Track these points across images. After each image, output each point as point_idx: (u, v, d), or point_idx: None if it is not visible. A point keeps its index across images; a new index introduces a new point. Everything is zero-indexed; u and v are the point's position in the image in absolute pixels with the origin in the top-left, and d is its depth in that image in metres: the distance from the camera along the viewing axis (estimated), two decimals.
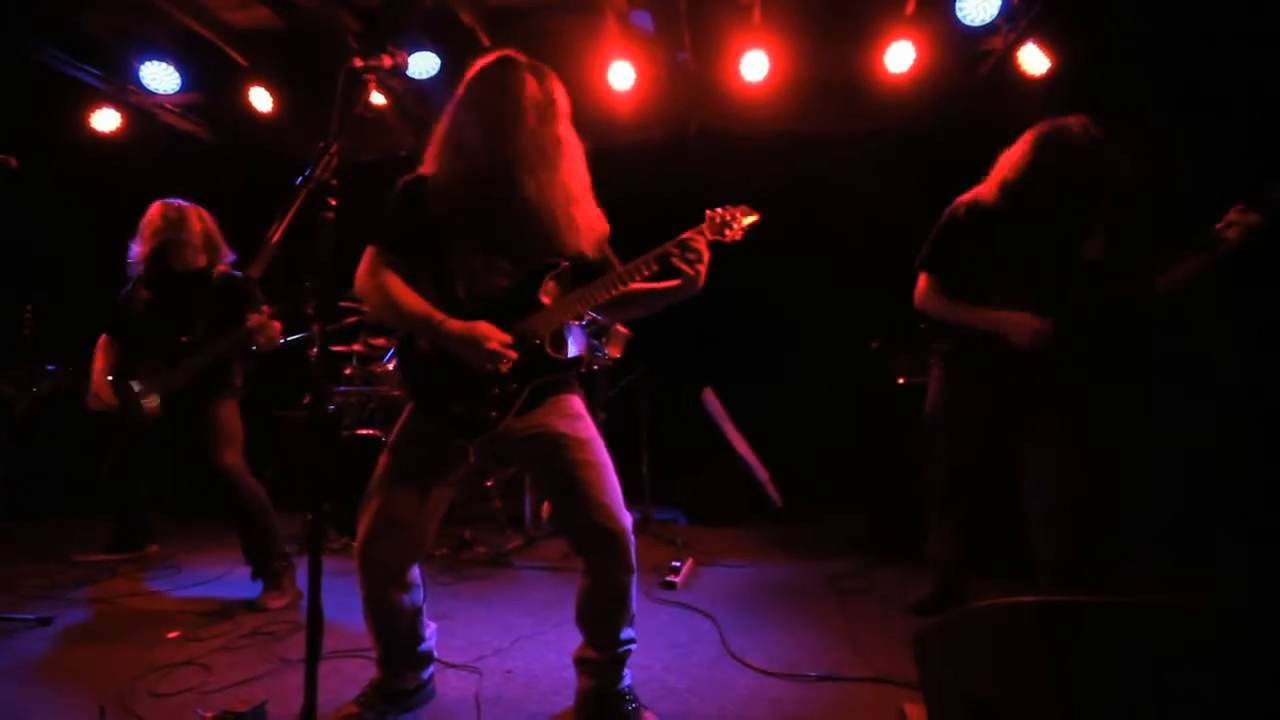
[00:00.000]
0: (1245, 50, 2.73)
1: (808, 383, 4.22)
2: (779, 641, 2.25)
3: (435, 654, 1.81)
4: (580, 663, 1.70)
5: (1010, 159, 2.09)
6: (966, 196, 2.20)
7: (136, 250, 2.72)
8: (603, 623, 1.65)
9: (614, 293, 1.60)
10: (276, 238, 1.19)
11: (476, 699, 1.81)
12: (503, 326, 1.57)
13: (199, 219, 2.76)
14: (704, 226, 1.65)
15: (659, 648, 2.18)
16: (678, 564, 2.92)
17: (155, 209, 2.72)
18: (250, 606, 2.50)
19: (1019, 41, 3.28)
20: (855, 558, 3.20)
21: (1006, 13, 3.22)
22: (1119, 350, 2.35)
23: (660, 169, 4.21)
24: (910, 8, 3.49)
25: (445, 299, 1.59)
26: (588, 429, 1.66)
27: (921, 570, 2.57)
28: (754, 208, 1.71)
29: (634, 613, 1.68)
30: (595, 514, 1.58)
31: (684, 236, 1.61)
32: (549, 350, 1.61)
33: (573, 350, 1.67)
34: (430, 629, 1.77)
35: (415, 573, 1.70)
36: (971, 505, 2.35)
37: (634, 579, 1.64)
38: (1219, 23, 2.80)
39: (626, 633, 1.67)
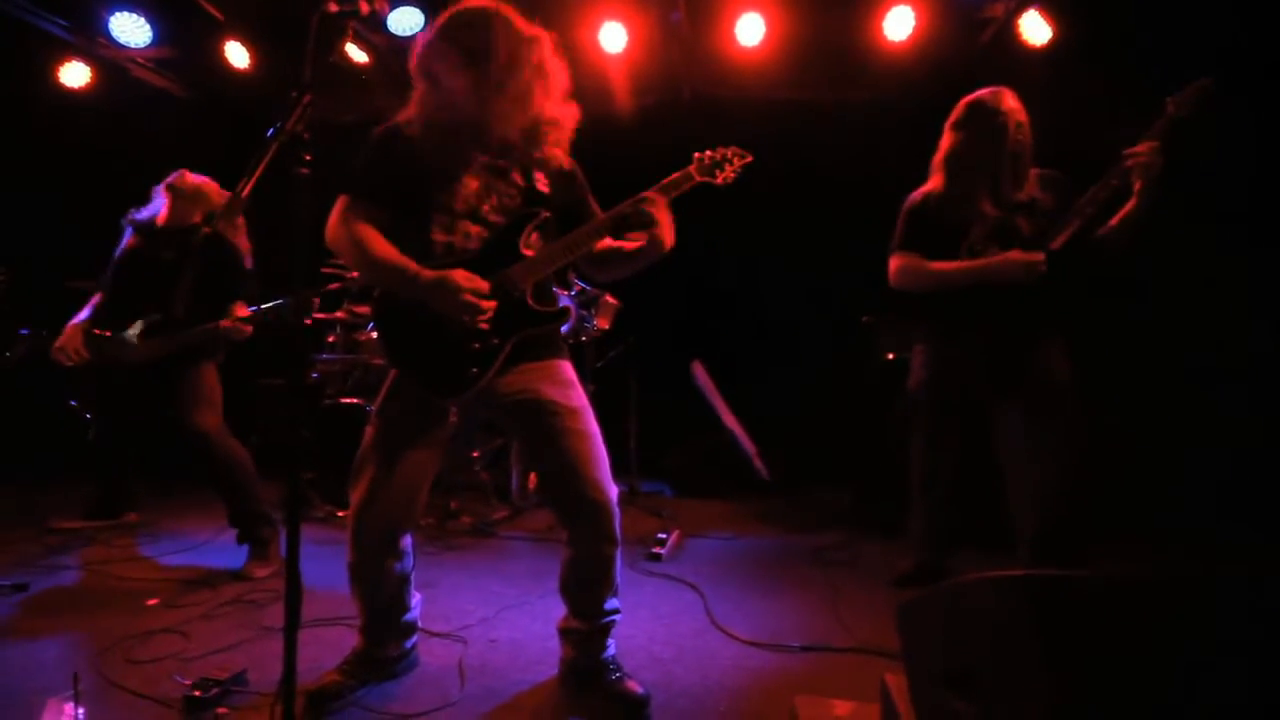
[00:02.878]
0: (1247, 18, 2.68)
1: (797, 356, 4.21)
2: (763, 611, 2.26)
3: (419, 625, 1.80)
4: (564, 633, 1.70)
5: (944, 145, 2.25)
6: (917, 192, 2.32)
7: (157, 208, 2.66)
8: (586, 593, 1.65)
9: (596, 241, 1.56)
10: (246, 191, 1.12)
11: (460, 667, 1.81)
12: (484, 278, 1.52)
13: (216, 193, 2.69)
14: (691, 169, 1.60)
15: (644, 618, 2.18)
16: (664, 535, 2.93)
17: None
18: (233, 575, 2.48)
19: (1020, 9, 3.20)
20: (840, 531, 3.22)
21: None
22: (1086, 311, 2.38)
23: (652, 135, 4.10)
24: None
25: (424, 251, 1.53)
26: (578, 397, 1.63)
27: (905, 544, 2.60)
28: (746, 176, 1.65)
29: (618, 584, 1.67)
30: (581, 485, 1.56)
31: (646, 194, 1.55)
32: (532, 302, 1.55)
33: (562, 301, 1.63)
34: (416, 599, 1.76)
35: (407, 540, 1.68)
36: (953, 480, 2.37)
37: (618, 551, 1.63)
38: None
39: (610, 603, 1.66)
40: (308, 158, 1.21)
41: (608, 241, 1.61)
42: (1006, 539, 2.28)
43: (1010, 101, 2.13)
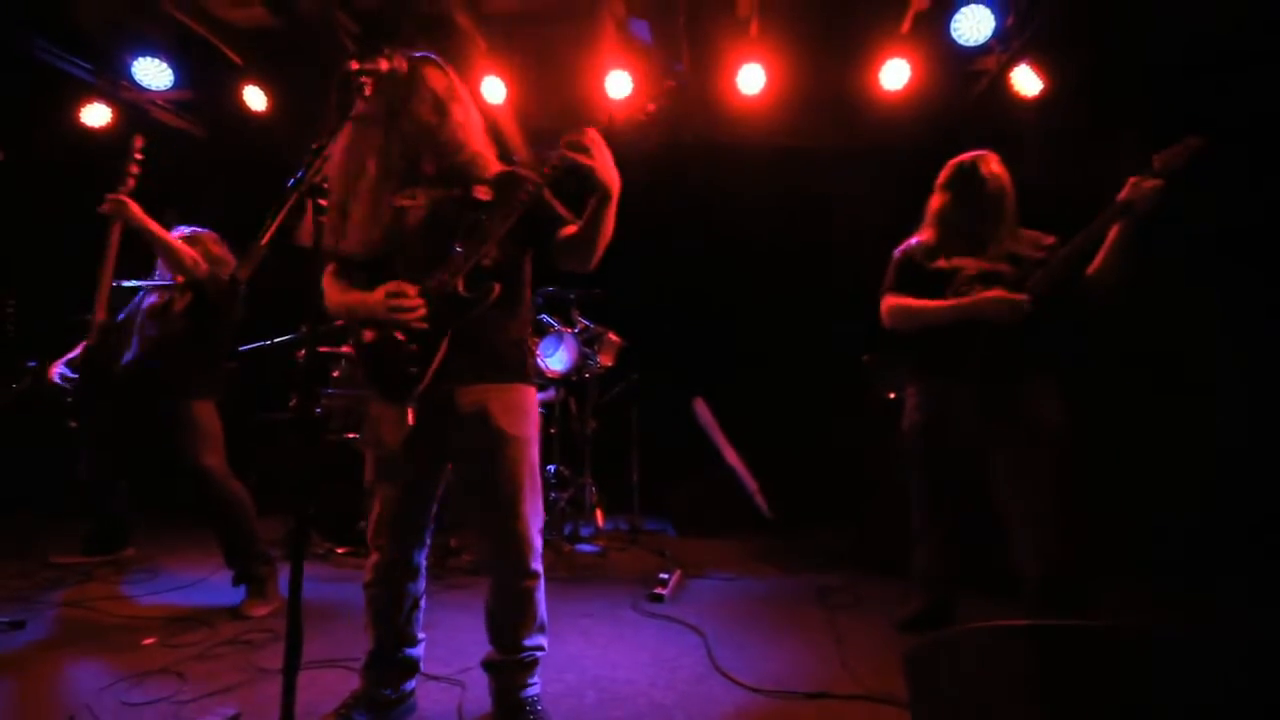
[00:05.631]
0: (1239, 70, 2.78)
1: (799, 395, 4.22)
2: (767, 657, 2.23)
3: (421, 666, 1.78)
4: (485, 665, 1.72)
5: (933, 203, 2.38)
6: (909, 241, 2.42)
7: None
8: (505, 623, 1.68)
9: (511, 217, 1.56)
10: (266, 240, 1.17)
11: (459, 712, 1.78)
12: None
13: (206, 239, 2.73)
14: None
15: (645, 661, 2.15)
16: (665, 575, 2.90)
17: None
18: (231, 613, 2.45)
19: (1012, 62, 3.32)
20: (843, 571, 3.19)
21: (1000, 34, 3.26)
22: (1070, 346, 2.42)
23: (653, 180, 4.21)
24: (905, 26, 3.52)
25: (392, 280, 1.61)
26: (525, 426, 1.66)
27: (909, 585, 2.57)
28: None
29: (543, 621, 1.71)
30: (502, 514, 1.62)
31: (569, 137, 1.52)
32: (461, 291, 1.58)
33: (490, 287, 1.59)
34: (421, 636, 1.77)
35: (421, 559, 1.73)
36: (955, 521, 2.37)
37: (538, 585, 1.68)
38: (1211, 44, 2.85)
39: (532, 639, 1.69)
40: (324, 204, 1.26)
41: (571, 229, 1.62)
42: (1011, 580, 2.26)
43: (994, 166, 2.25)
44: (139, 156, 2.60)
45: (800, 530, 3.90)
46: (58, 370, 2.72)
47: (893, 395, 3.35)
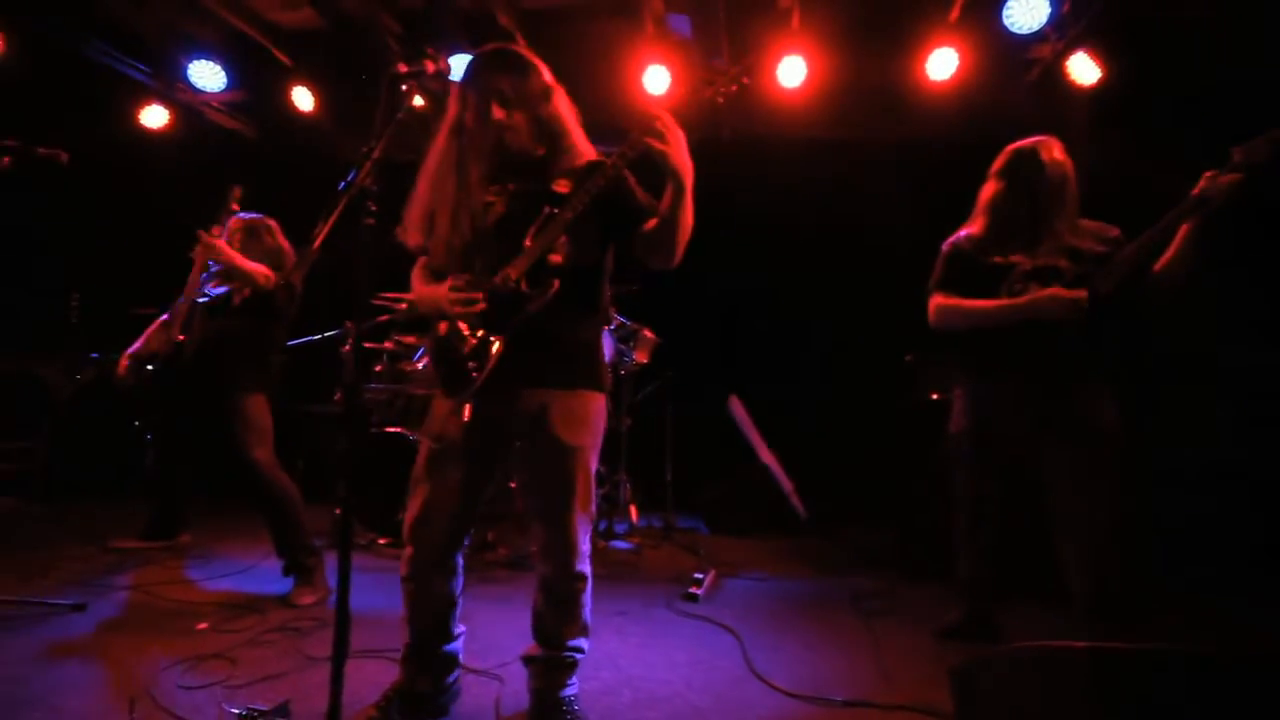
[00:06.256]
0: None
1: (837, 394, 4.15)
2: (803, 660, 2.20)
3: (461, 659, 1.80)
4: (526, 660, 1.71)
5: (986, 191, 2.24)
6: (958, 234, 2.30)
7: None
8: (550, 619, 1.67)
9: (581, 205, 1.51)
10: (318, 243, 1.19)
11: (496, 706, 1.80)
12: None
13: (264, 229, 2.85)
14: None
15: (681, 662, 2.15)
16: (700, 575, 2.89)
17: (232, 220, 2.83)
18: (280, 601, 2.53)
19: (1068, 50, 3.19)
20: (879, 574, 3.13)
21: (1056, 21, 3.12)
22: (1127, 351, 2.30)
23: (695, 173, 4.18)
24: (954, 14, 3.41)
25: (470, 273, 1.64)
26: (585, 435, 1.62)
27: (948, 591, 2.52)
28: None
29: (587, 624, 1.69)
30: (551, 524, 1.61)
31: (643, 122, 1.44)
32: (524, 288, 1.56)
33: (549, 283, 1.54)
34: (460, 629, 1.77)
35: (458, 559, 1.72)
36: (1001, 527, 2.29)
37: (584, 589, 1.66)
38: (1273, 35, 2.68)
39: (575, 641, 1.67)
40: (374, 208, 1.27)
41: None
42: (1056, 588, 2.18)
43: (1056, 152, 2.10)
44: (235, 207, 2.75)
45: (835, 531, 3.85)
46: (129, 365, 2.84)
47: (936, 396, 3.26)
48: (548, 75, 1.66)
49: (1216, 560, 2.74)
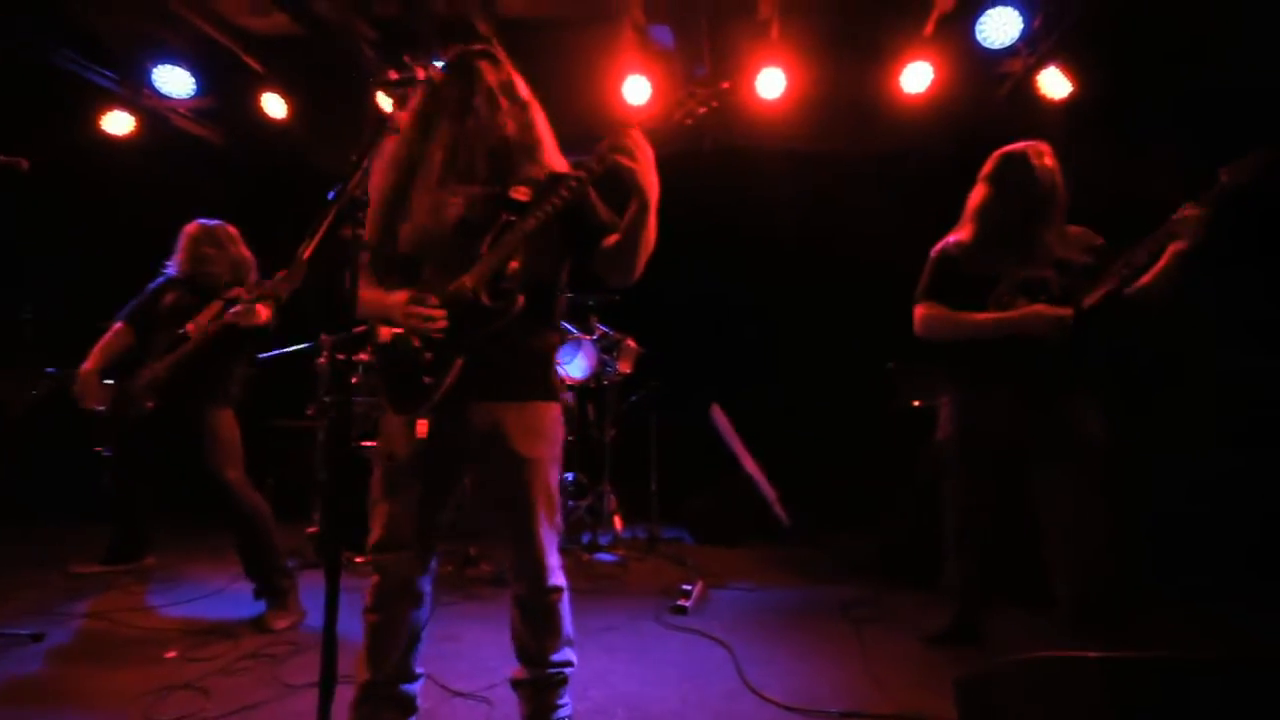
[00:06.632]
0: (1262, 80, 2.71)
1: (820, 402, 4.18)
2: (796, 671, 2.19)
3: (419, 705, 1.64)
4: (514, 684, 1.64)
5: (975, 197, 2.23)
6: (946, 239, 2.29)
7: (174, 259, 2.74)
8: (530, 639, 1.60)
9: (544, 218, 1.47)
10: (307, 254, 1.14)
11: None
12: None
13: (227, 238, 2.75)
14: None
15: (673, 677, 2.11)
16: (688, 587, 2.86)
17: (191, 225, 2.73)
18: (253, 625, 2.43)
19: (1039, 65, 3.27)
20: (865, 582, 3.13)
21: (1027, 36, 3.20)
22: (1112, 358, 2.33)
23: (671, 184, 4.18)
24: (929, 28, 3.48)
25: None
26: (544, 447, 1.57)
27: (934, 596, 2.53)
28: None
29: (569, 635, 1.63)
30: (520, 540, 1.55)
31: (611, 138, 1.41)
32: (484, 300, 1.50)
33: (514, 298, 1.50)
34: (420, 671, 1.64)
35: (425, 584, 1.62)
36: (989, 535, 2.31)
37: (560, 599, 1.60)
38: (1244, 50, 2.78)
39: (560, 655, 1.61)
40: (361, 216, 1.23)
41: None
42: (1040, 592, 2.20)
43: (1046, 158, 2.11)
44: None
45: (819, 540, 3.85)
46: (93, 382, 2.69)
47: (918, 403, 3.29)
48: (524, 88, 1.62)
49: (1213, 566, 2.77)
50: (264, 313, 2.51)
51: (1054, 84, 3.19)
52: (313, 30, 3.71)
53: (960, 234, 2.25)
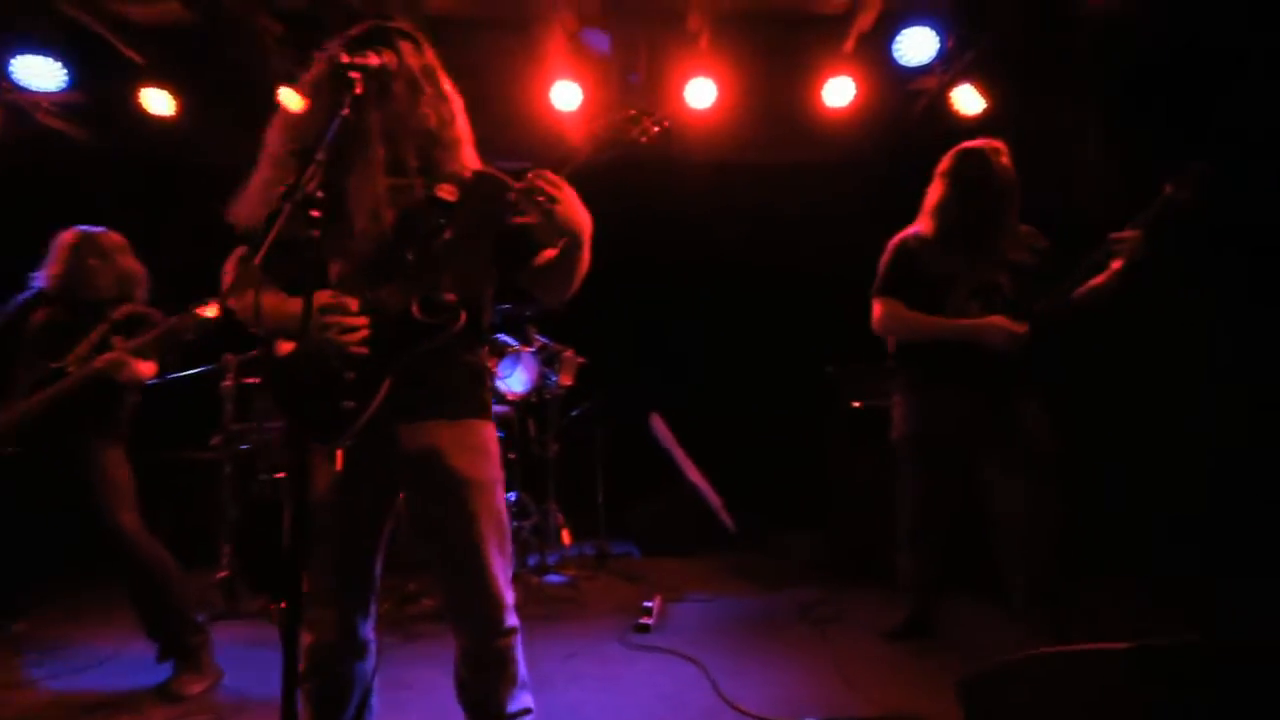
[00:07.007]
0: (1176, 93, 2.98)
1: (761, 408, 4.23)
2: (769, 680, 2.16)
3: None
4: None
5: (934, 192, 2.27)
6: (906, 231, 2.33)
7: (47, 272, 2.33)
8: (483, 691, 1.39)
9: (485, 229, 1.37)
10: (259, 259, 0.97)
11: None
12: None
13: (114, 247, 2.38)
14: (605, 129, 1.40)
15: (647, 699, 2.03)
16: (649, 604, 2.78)
17: (69, 233, 2.35)
18: (157, 693, 2.10)
19: (952, 83, 3.48)
20: (819, 583, 3.18)
21: (942, 56, 3.40)
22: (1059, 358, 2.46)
23: (605, 194, 4.12)
24: (849, 45, 3.62)
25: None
26: (487, 468, 1.40)
27: (888, 593, 2.59)
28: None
29: (523, 678, 1.42)
30: (469, 573, 1.35)
31: (529, 176, 1.29)
32: (416, 314, 1.33)
33: (456, 314, 1.35)
34: None
35: (368, 631, 1.41)
36: (945, 531, 2.38)
37: (514, 642, 1.40)
38: (1151, 69, 3.05)
39: (517, 703, 1.39)
40: (316, 215, 1.07)
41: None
42: (985, 580, 2.28)
43: (1005, 158, 2.17)
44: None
45: (767, 543, 3.88)
46: None
47: (858, 404, 3.39)
48: (447, 80, 1.46)
49: (1202, 556, 2.84)
50: (145, 369, 2.21)
51: (968, 101, 3.41)
52: (207, 21, 3.36)
53: (921, 226, 2.29)
